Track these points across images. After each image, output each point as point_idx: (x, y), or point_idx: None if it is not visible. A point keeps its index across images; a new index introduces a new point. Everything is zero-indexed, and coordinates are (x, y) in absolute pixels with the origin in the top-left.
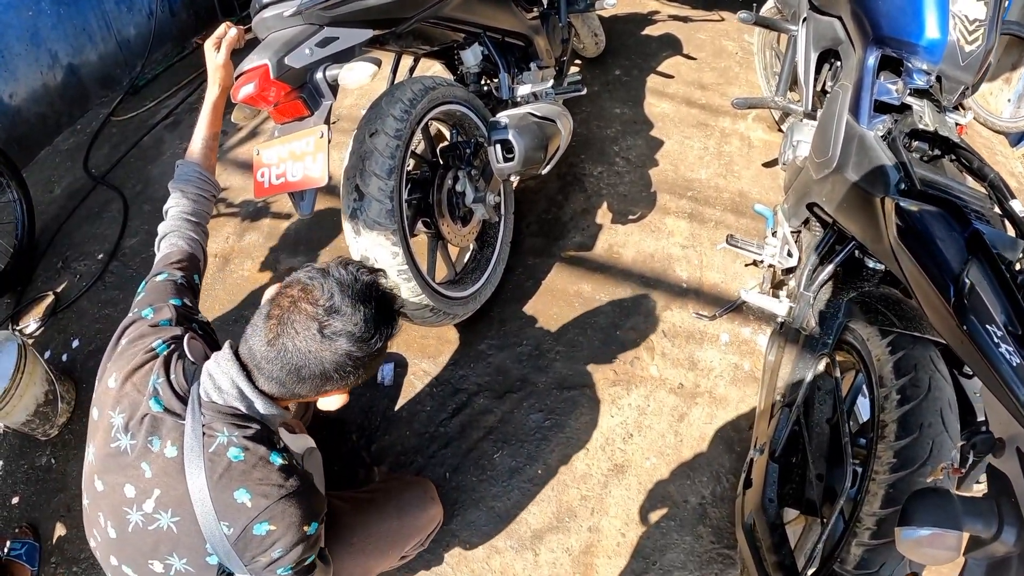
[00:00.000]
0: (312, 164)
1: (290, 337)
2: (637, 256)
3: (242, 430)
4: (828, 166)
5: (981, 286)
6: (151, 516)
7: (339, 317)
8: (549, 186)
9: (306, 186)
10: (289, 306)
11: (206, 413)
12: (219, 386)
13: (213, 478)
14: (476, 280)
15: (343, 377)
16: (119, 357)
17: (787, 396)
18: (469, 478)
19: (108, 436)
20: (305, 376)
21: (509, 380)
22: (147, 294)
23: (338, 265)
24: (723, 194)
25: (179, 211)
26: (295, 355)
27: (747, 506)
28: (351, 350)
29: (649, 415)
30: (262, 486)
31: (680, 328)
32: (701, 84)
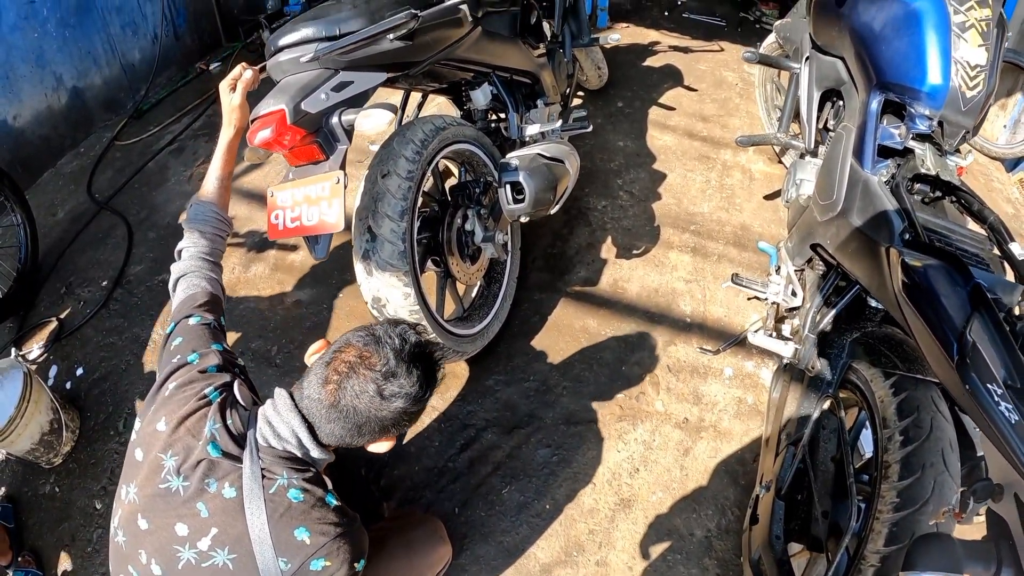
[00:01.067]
0: (328, 209)
1: (350, 400)
2: (641, 291)
3: (300, 473)
4: (832, 209)
5: (983, 343)
6: (206, 553)
7: (395, 380)
8: (554, 220)
9: (321, 231)
10: (347, 371)
11: (264, 457)
12: (278, 433)
13: (274, 517)
14: (484, 316)
15: (397, 428)
16: (167, 401)
17: (792, 434)
18: (478, 513)
19: (157, 477)
20: (364, 432)
21: (517, 415)
22: (185, 338)
23: (388, 330)
24: (726, 228)
25: (197, 251)
26: (355, 415)
27: (754, 542)
28: (407, 407)
29: (655, 450)
30: (321, 524)
31: (684, 363)
32: (702, 116)
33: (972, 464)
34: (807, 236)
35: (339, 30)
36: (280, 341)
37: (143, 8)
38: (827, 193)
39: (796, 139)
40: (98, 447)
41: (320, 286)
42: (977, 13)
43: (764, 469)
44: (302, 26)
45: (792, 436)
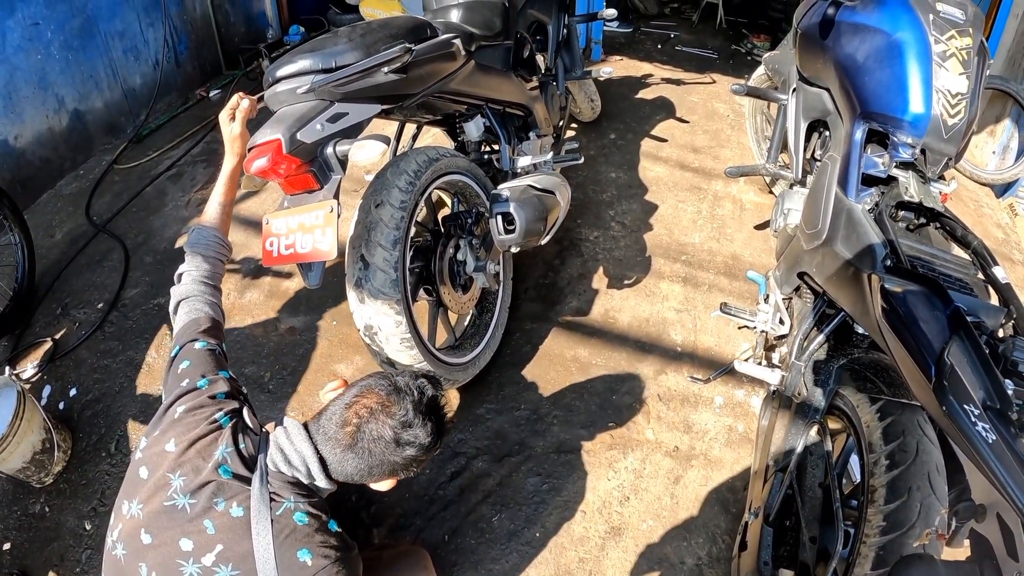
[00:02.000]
0: (321, 237)
1: (367, 443)
2: (633, 320)
3: (306, 499)
4: (818, 238)
5: (961, 365)
6: (209, 569)
7: (411, 430)
8: (546, 251)
9: (315, 259)
10: (368, 416)
11: (272, 481)
12: (289, 460)
13: (279, 538)
14: (475, 345)
15: (404, 472)
16: (176, 424)
17: (780, 461)
18: (468, 540)
19: (163, 495)
20: (375, 472)
21: (507, 444)
22: (193, 362)
23: (408, 381)
24: (716, 257)
25: (198, 275)
26: (370, 457)
27: (743, 568)
28: (417, 455)
29: (645, 478)
30: (323, 548)
31: (675, 392)
32: (694, 147)
33: (961, 487)
34: (794, 265)
35: (335, 63)
36: (273, 367)
37: (145, 34)
38: (813, 222)
39: (784, 169)
40: (89, 468)
41: (314, 313)
42: (958, 42)
43: (753, 496)
44: (299, 58)
45: (780, 463)
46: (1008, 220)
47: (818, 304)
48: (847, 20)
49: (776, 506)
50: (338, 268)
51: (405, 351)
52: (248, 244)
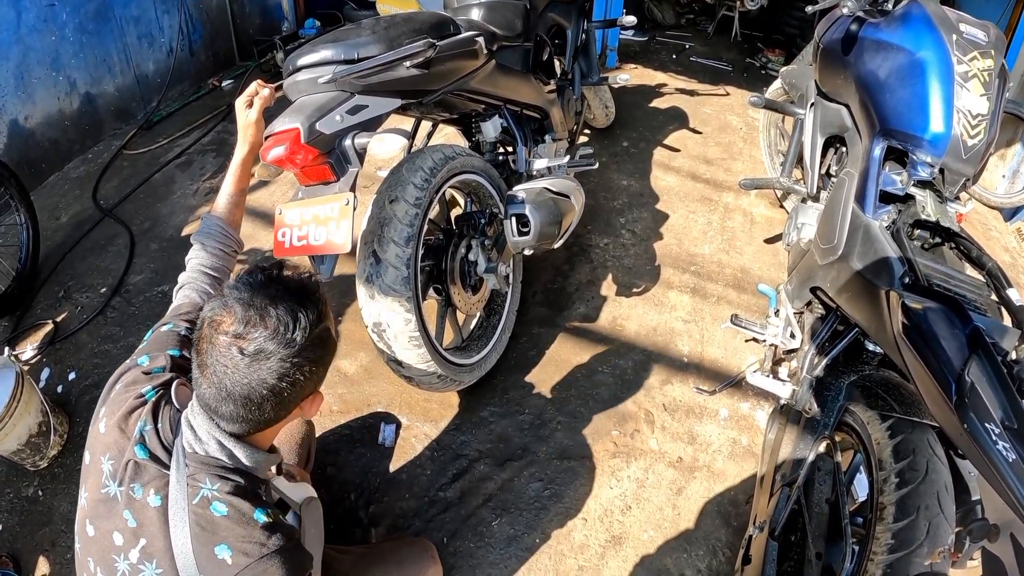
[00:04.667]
0: (336, 230)
1: (223, 374)
2: (640, 329)
3: (225, 483)
4: (833, 253)
5: (981, 384)
6: (136, 567)
7: (252, 330)
8: (556, 256)
9: (328, 251)
10: (207, 347)
11: (190, 464)
12: (199, 437)
13: (195, 531)
14: (482, 347)
15: (295, 384)
16: (112, 402)
17: (787, 475)
18: (467, 544)
19: (99, 482)
20: (257, 400)
21: (510, 448)
22: (149, 343)
23: (233, 284)
24: (725, 270)
25: (198, 263)
26: (237, 387)
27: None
28: (282, 355)
29: (648, 488)
30: (244, 543)
31: (680, 402)
32: (706, 159)
33: (967, 508)
34: (807, 279)
35: (358, 54)
36: None
37: (161, 21)
38: (828, 237)
39: (798, 184)
40: None
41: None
42: (980, 63)
43: (758, 510)
44: (322, 47)
45: (787, 477)
46: (1016, 244)
47: (830, 319)
48: (870, 37)
49: (782, 521)
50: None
51: (413, 350)
52: (256, 235)
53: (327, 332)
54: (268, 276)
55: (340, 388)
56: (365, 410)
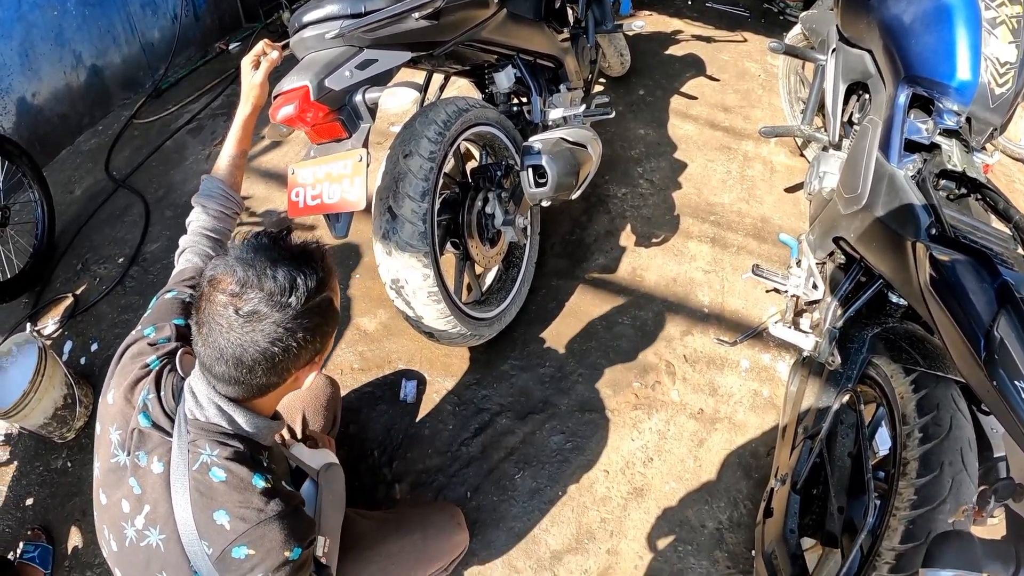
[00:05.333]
0: (350, 187)
1: (218, 333)
2: (660, 280)
3: (225, 448)
4: (857, 202)
5: (1010, 339)
6: (142, 532)
7: (249, 291)
8: (574, 207)
9: (342, 209)
10: (206, 305)
11: (192, 430)
12: (200, 403)
13: (195, 496)
14: (501, 301)
15: (288, 351)
16: (119, 374)
17: (809, 428)
18: (490, 498)
19: (109, 452)
20: (248, 363)
21: (531, 401)
22: (154, 311)
23: (237, 244)
24: (745, 219)
25: (199, 226)
26: (229, 347)
27: (767, 535)
28: (276, 319)
29: (669, 439)
30: (241, 509)
31: (701, 353)
32: (724, 106)
33: (989, 465)
34: (830, 229)
35: (364, 8)
36: None
37: None
38: (852, 186)
39: (820, 132)
40: None
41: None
42: (1008, 10)
43: (780, 462)
44: (327, 3)
45: (809, 430)
46: None
47: (853, 270)
48: None
49: (804, 474)
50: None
51: (432, 305)
52: (271, 197)
53: (328, 302)
54: (272, 239)
55: (360, 346)
56: (386, 367)
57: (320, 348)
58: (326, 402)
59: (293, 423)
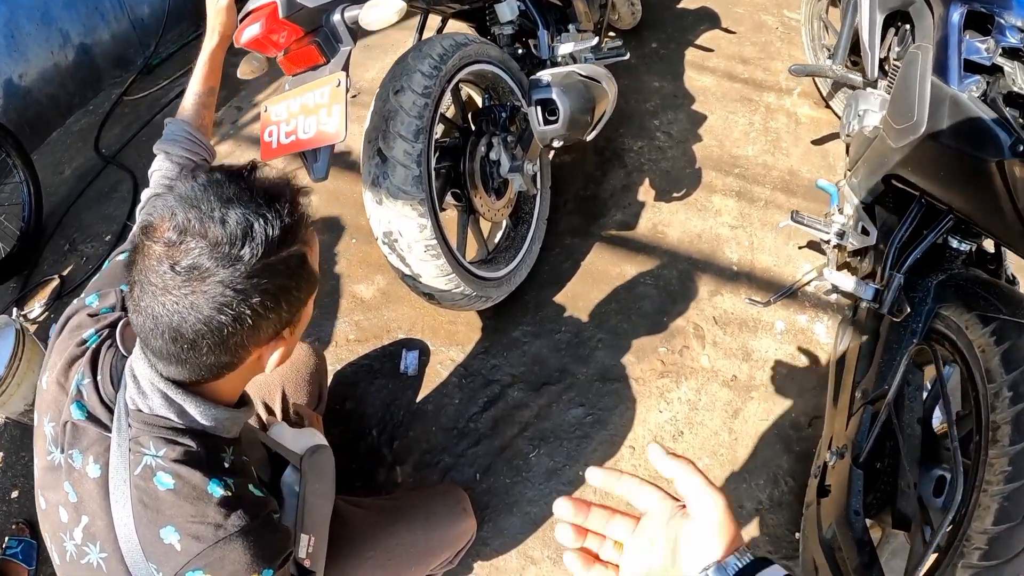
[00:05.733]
0: (327, 118)
1: (151, 296)
2: (683, 236)
3: (173, 448)
4: (913, 132)
5: None
6: (81, 548)
7: (190, 239)
8: (586, 161)
9: (320, 143)
10: (139, 260)
11: (134, 424)
12: (143, 389)
13: (139, 509)
14: (510, 259)
15: (240, 321)
16: (56, 351)
17: (870, 391)
18: (502, 479)
19: (44, 447)
20: (191, 336)
21: (546, 371)
22: (102, 275)
23: (182, 180)
24: (772, 172)
25: (161, 176)
26: (165, 315)
27: (825, 517)
28: (223, 276)
29: (701, 411)
30: (194, 524)
31: (732, 315)
32: (742, 58)
33: None
34: (878, 168)
35: None
36: None
37: None
38: (905, 115)
39: (853, 72)
40: None
41: (330, 232)
42: None
43: (834, 433)
44: None
45: (870, 394)
46: None
47: (913, 209)
48: None
49: (869, 445)
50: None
51: (430, 260)
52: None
53: (298, 259)
54: (229, 174)
55: (356, 315)
56: (384, 337)
57: (289, 319)
58: (308, 375)
59: (271, 400)
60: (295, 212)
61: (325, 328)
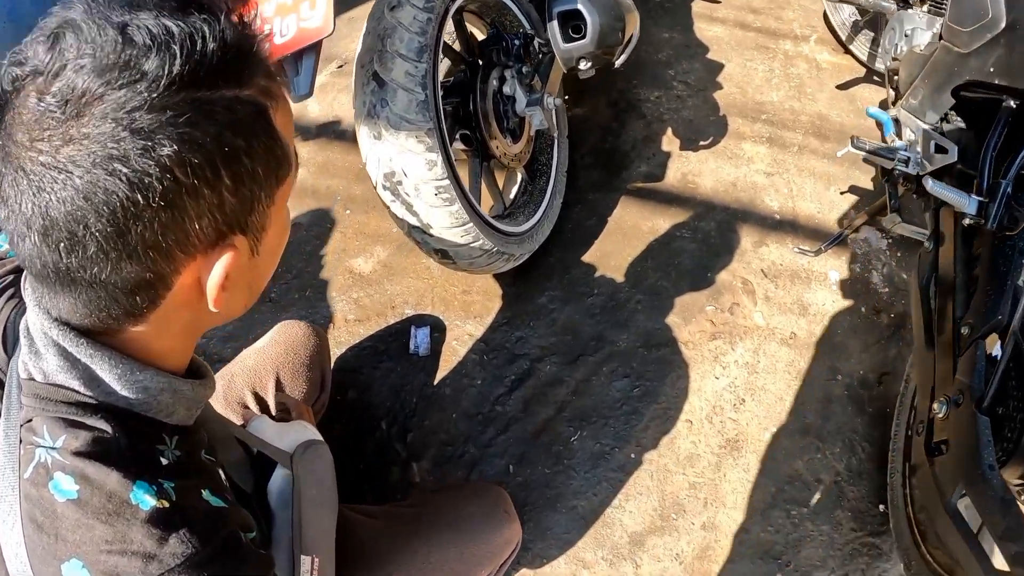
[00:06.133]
0: (309, 12)
1: (14, 165)
2: (717, 185)
3: (75, 435)
4: (992, 28)
5: None
6: None
7: (70, 56)
8: (600, 114)
9: (302, 43)
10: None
11: (26, 402)
12: (35, 347)
13: (31, 532)
14: (531, 214)
15: (148, 190)
16: None
17: (979, 325)
18: (540, 470)
19: None
20: (68, 223)
21: (581, 340)
22: None
23: None
24: (800, 117)
25: None
26: (30, 190)
27: (944, 476)
28: (114, 103)
29: (761, 374)
30: (111, 557)
31: (781, 266)
32: (751, 8)
33: None
34: (946, 81)
35: None
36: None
37: None
38: (974, 16)
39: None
40: None
41: (324, 203)
42: None
43: (937, 379)
44: None
45: (980, 328)
46: None
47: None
48: None
49: (993, 386)
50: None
51: (443, 207)
52: None
53: (255, 111)
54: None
55: (355, 291)
56: (389, 315)
57: (239, 210)
58: (308, 358)
59: (263, 389)
60: (250, 40)
61: (320, 310)
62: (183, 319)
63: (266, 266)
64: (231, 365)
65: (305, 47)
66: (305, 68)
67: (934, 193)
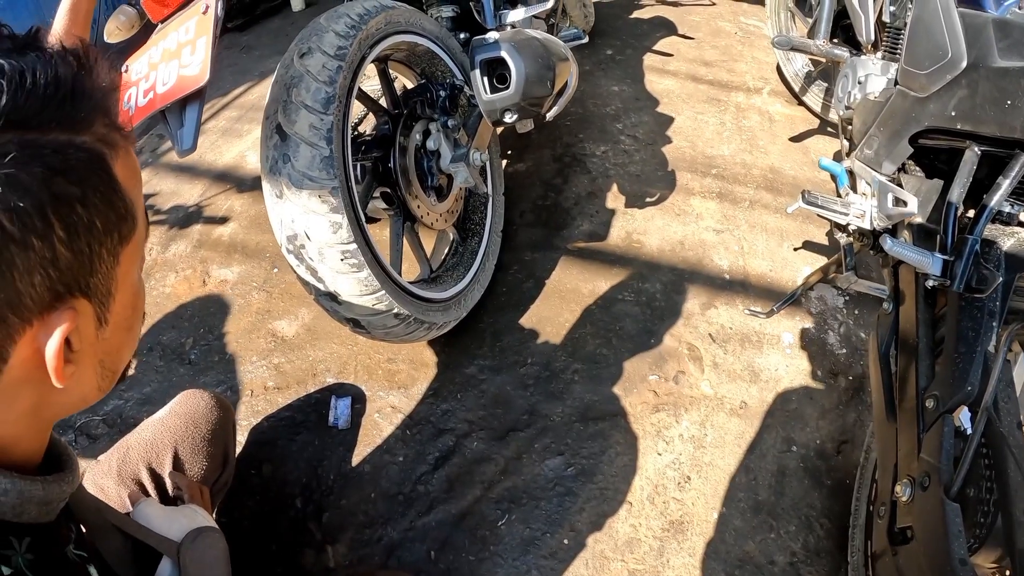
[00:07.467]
0: (189, 57)
1: None
2: (663, 244)
3: None
4: (951, 70)
5: None
6: None
7: None
8: (543, 169)
9: (181, 92)
10: None
11: None
12: None
13: None
14: (459, 278)
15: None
16: None
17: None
18: (464, 557)
19: None
20: None
21: (512, 414)
22: None
23: None
24: (752, 171)
25: None
26: None
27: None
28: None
29: (708, 448)
30: None
31: (731, 330)
32: (704, 61)
33: None
34: (903, 128)
35: None
36: (197, 331)
37: None
38: (934, 56)
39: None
40: None
41: (252, 261)
42: None
43: (900, 457)
44: None
45: (948, 401)
46: None
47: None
48: None
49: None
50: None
51: (351, 274)
52: (178, 191)
53: (90, 158)
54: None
55: (276, 356)
56: (310, 383)
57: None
58: (210, 433)
59: (159, 465)
60: (88, 82)
61: (239, 375)
62: (27, 401)
63: (120, 341)
64: (129, 436)
65: (189, 99)
66: (188, 121)
67: (893, 254)
